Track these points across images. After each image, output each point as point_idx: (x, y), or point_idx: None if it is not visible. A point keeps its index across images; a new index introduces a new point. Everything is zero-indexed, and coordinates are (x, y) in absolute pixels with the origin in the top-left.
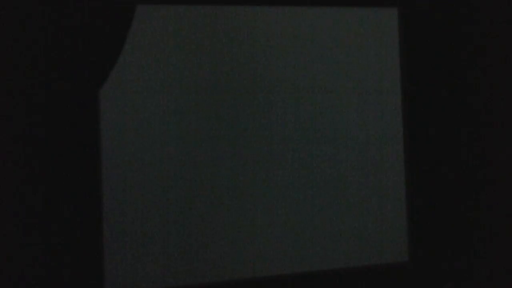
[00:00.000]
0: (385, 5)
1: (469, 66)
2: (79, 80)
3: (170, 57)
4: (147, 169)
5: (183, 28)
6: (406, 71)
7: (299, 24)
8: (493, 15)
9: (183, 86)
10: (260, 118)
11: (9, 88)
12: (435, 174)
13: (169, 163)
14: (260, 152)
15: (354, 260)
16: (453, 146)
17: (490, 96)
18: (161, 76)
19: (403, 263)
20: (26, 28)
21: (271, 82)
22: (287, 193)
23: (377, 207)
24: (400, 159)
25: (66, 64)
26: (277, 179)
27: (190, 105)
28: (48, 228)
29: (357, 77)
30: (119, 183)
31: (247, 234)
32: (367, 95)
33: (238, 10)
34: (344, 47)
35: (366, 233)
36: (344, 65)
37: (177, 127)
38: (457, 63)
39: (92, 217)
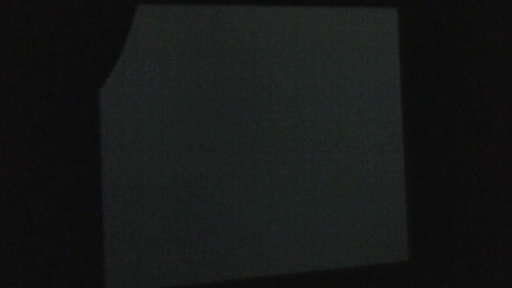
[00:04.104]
0: (385, 5)
1: (469, 66)
2: (80, 79)
3: (171, 57)
4: (147, 169)
5: (183, 28)
6: (406, 71)
7: (299, 24)
8: (493, 15)
9: (183, 86)
10: (260, 118)
11: (9, 88)
12: (435, 174)
13: (169, 163)
14: (260, 152)
15: (354, 260)
16: (453, 146)
17: (491, 96)
18: (161, 76)
19: (403, 263)
20: (25, 28)
21: (270, 82)
22: (287, 193)
23: (377, 207)
24: (400, 159)
25: (66, 64)
26: (277, 180)
27: (191, 105)
28: (47, 228)
29: (357, 77)
30: (119, 182)
31: (247, 234)
32: (367, 95)
33: (238, 10)
34: (343, 47)
35: (366, 233)
36: (343, 65)
37: (178, 127)
38: (457, 63)
39: (92, 217)
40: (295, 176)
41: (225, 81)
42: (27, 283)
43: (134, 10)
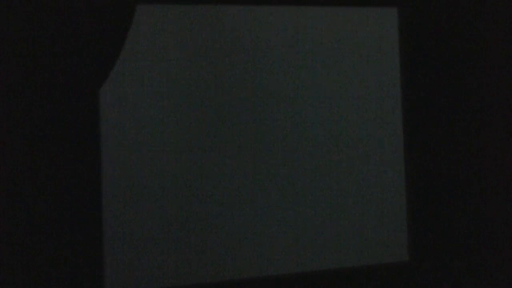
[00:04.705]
0: (385, 5)
1: (469, 66)
2: (79, 79)
3: (170, 57)
4: (147, 169)
5: (183, 28)
6: (406, 71)
7: (299, 24)
8: (494, 15)
9: (183, 86)
10: (260, 118)
11: (9, 88)
12: (435, 174)
13: (169, 163)
14: (259, 152)
15: (354, 260)
16: (453, 146)
17: (491, 96)
18: (161, 76)
19: (403, 263)
20: (25, 28)
21: (270, 82)
22: (286, 193)
23: (377, 207)
24: (400, 159)
25: (66, 64)
26: (276, 179)
27: (191, 105)
28: (47, 228)
29: (357, 76)
30: (119, 182)
31: (247, 234)
32: (367, 95)
33: (238, 10)
34: (343, 47)
35: (366, 233)
36: (343, 65)
37: (177, 127)
38: (457, 63)
39: (92, 217)
40: (295, 176)
41: (225, 81)
42: (27, 283)
43: (134, 10)
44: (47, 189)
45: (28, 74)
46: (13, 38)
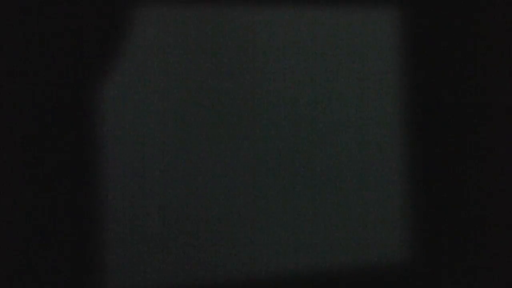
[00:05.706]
0: (385, 5)
1: (470, 66)
2: (79, 79)
3: (170, 57)
4: (147, 168)
5: (184, 28)
6: (406, 71)
7: (299, 24)
8: (495, 15)
9: (183, 86)
10: (259, 118)
11: (8, 89)
12: (435, 174)
13: (169, 163)
14: (259, 151)
15: (353, 260)
16: (454, 146)
17: (492, 95)
18: (161, 76)
19: (403, 263)
20: (25, 28)
21: (270, 82)
22: (285, 192)
23: (377, 207)
24: (400, 159)
25: (65, 64)
26: (276, 179)
27: (191, 105)
28: (47, 228)
29: (357, 76)
30: (119, 182)
31: (247, 234)
32: (367, 95)
33: (238, 10)
34: (343, 47)
35: (366, 233)
36: (343, 65)
37: (177, 127)
38: (458, 63)
39: (92, 216)
40: (293, 176)
41: (225, 81)
42: (27, 283)
43: (133, 10)
44: (47, 189)
45: (27, 74)
46: (12, 37)
